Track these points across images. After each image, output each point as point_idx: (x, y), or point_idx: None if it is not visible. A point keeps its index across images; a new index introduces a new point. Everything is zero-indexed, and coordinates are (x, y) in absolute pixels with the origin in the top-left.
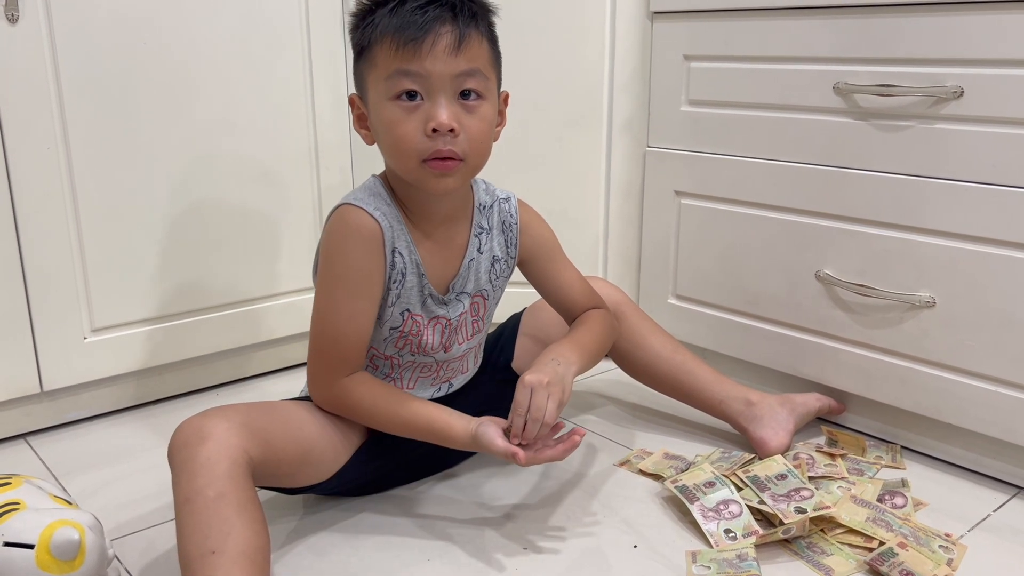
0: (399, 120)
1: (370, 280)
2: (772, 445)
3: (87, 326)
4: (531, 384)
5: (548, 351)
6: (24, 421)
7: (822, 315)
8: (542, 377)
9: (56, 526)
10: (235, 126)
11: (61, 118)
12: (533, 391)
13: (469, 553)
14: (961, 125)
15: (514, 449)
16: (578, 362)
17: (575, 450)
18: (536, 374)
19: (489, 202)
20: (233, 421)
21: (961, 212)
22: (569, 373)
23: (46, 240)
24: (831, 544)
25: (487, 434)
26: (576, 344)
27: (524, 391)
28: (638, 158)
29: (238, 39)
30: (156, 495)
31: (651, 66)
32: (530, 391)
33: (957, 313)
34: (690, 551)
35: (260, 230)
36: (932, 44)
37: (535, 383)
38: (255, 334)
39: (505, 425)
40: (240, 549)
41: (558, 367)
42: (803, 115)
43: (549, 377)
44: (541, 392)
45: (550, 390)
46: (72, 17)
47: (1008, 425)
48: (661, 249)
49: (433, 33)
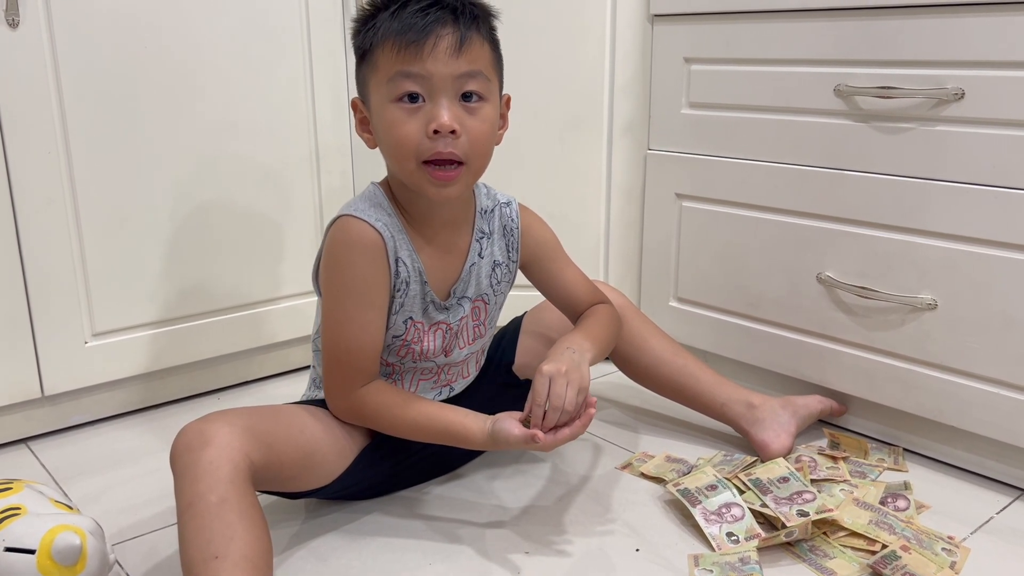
0: (400, 121)
1: (377, 290)
2: (774, 448)
3: (88, 330)
4: (549, 373)
5: (561, 341)
6: (25, 425)
7: (823, 317)
8: (560, 366)
9: (57, 531)
10: (236, 129)
11: (62, 122)
12: (552, 380)
13: (471, 556)
14: (962, 127)
15: (532, 432)
16: (592, 349)
17: (590, 422)
18: (553, 363)
19: (490, 206)
20: (235, 425)
21: (962, 214)
22: (584, 360)
23: (47, 244)
24: (834, 547)
25: (503, 428)
26: (587, 333)
27: (543, 380)
28: (639, 160)
29: (239, 42)
30: (157, 499)
31: (652, 68)
32: (548, 380)
33: (959, 315)
34: (692, 554)
35: (262, 233)
36: (933, 46)
37: (553, 372)
38: (257, 338)
39: (521, 417)
40: (243, 554)
41: (573, 355)
42: (804, 117)
43: (567, 365)
44: (560, 380)
45: (568, 378)
46: (72, 21)
47: (1011, 427)
48: (662, 251)
49: (434, 35)
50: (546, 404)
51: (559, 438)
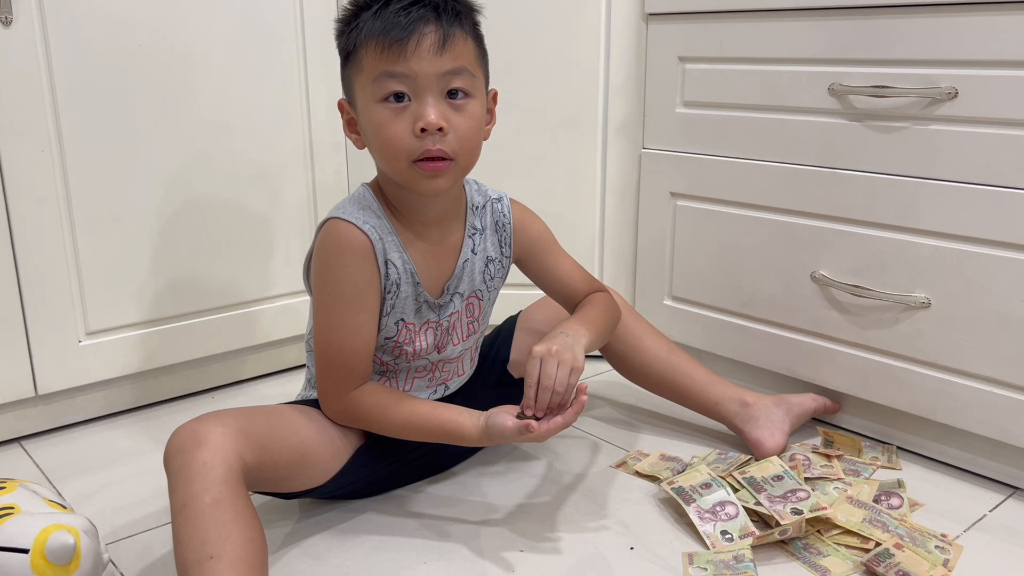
0: (387, 122)
1: (367, 293)
2: (768, 446)
3: (82, 329)
4: (539, 354)
5: (556, 327)
6: (19, 425)
7: (817, 316)
8: (550, 346)
9: (51, 530)
10: (230, 127)
11: (55, 120)
12: (543, 360)
13: (465, 555)
14: (955, 126)
15: (525, 423)
16: (587, 335)
17: (583, 410)
18: (544, 344)
19: (482, 202)
20: (229, 426)
21: (956, 213)
22: (578, 343)
23: (40, 243)
24: (827, 545)
25: (496, 423)
26: (583, 319)
27: (533, 362)
28: (633, 159)
29: (233, 38)
30: (151, 499)
31: (646, 68)
32: (539, 361)
33: (952, 313)
34: (687, 552)
35: (255, 232)
36: (926, 45)
37: (543, 352)
38: (250, 336)
39: (516, 411)
40: (238, 554)
41: (567, 338)
42: (798, 116)
43: (558, 345)
44: (550, 360)
45: (560, 357)
46: (66, 19)
47: (1003, 425)
48: (656, 250)
49: (417, 33)
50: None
51: (551, 427)
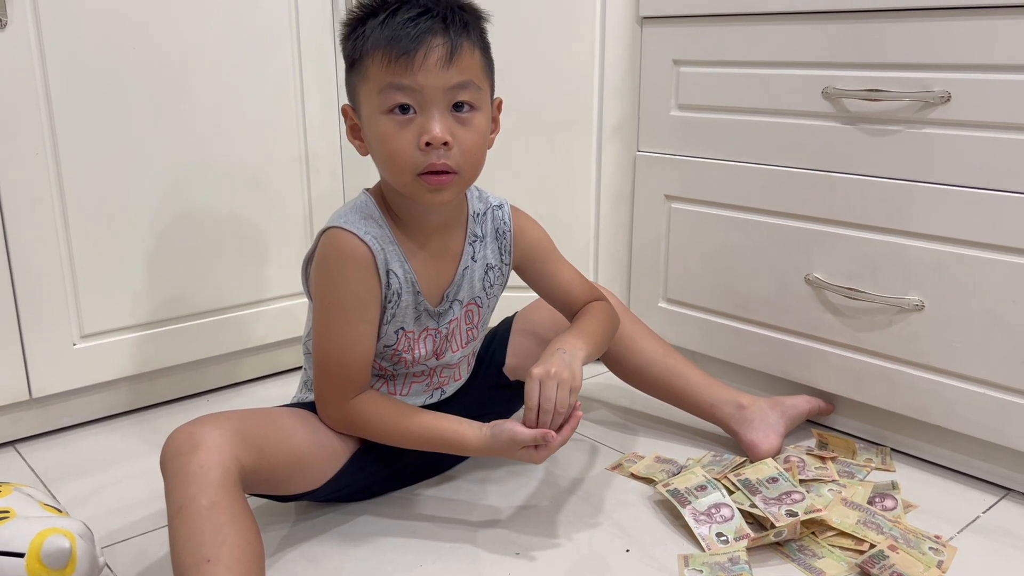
0: (392, 134)
1: (368, 304)
2: (763, 448)
3: (76, 332)
4: (538, 376)
5: (552, 343)
6: (13, 428)
7: (811, 318)
8: (548, 367)
9: (46, 534)
10: (225, 131)
11: (50, 123)
12: (542, 383)
13: (462, 558)
14: (948, 129)
15: (543, 431)
16: (584, 348)
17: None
18: (542, 366)
19: (483, 210)
20: (225, 428)
21: (948, 215)
22: (576, 359)
23: (35, 246)
24: (822, 547)
25: (508, 429)
26: (580, 332)
27: (532, 384)
28: (628, 162)
29: (228, 44)
30: (147, 502)
31: (641, 71)
32: (538, 383)
33: (945, 316)
34: (682, 555)
35: (250, 236)
36: (920, 49)
37: (542, 375)
38: (246, 340)
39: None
40: (235, 557)
41: (564, 355)
42: (792, 119)
43: (556, 367)
44: (550, 383)
45: (558, 379)
46: (60, 21)
47: (996, 427)
48: (651, 253)
49: (425, 46)
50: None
51: (552, 447)
